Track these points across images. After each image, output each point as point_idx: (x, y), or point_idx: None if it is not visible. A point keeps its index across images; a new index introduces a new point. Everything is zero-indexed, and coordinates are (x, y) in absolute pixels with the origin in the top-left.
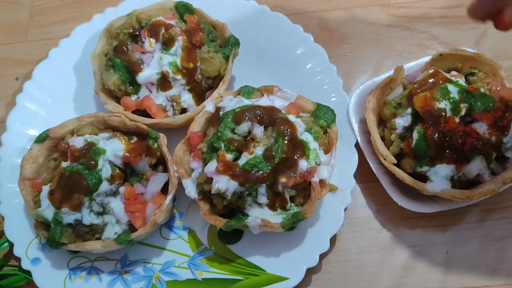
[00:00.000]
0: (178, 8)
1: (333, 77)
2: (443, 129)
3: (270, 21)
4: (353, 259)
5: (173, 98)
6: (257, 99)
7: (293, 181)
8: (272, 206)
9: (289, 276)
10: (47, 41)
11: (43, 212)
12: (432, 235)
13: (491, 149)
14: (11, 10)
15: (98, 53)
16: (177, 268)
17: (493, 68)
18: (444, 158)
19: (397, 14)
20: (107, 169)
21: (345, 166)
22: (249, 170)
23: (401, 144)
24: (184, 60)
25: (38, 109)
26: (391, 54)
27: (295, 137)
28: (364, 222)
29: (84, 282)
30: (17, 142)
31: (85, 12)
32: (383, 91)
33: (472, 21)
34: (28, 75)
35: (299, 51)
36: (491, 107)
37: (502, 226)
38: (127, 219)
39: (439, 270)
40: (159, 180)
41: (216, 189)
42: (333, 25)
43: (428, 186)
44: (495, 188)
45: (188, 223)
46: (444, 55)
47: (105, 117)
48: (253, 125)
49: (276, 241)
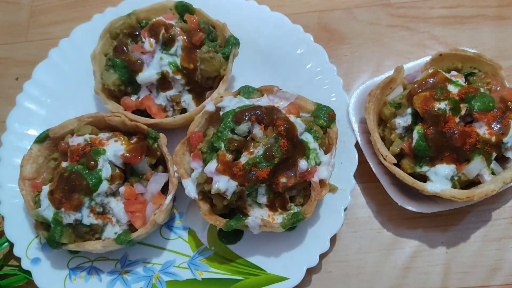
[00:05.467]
0: (178, 8)
1: (333, 77)
2: (443, 129)
3: (270, 21)
4: (353, 259)
5: (173, 98)
6: (257, 99)
7: (293, 181)
8: (272, 206)
9: (289, 276)
10: (47, 41)
11: (43, 212)
12: (432, 235)
13: (491, 149)
14: (11, 10)
15: (98, 53)
16: (177, 268)
17: (493, 68)
18: (444, 158)
19: (397, 14)
20: (107, 169)
21: (345, 166)
22: (249, 170)
23: (401, 144)
24: (184, 60)
25: (38, 109)
26: (391, 54)
27: (295, 137)
28: (364, 222)
29: (84, 282)
30: (17, 142)
31: (85, 12)
32: (383, 91)
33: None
34: (28, 75)
35: (299, 51)
36: (491, 107)
37: (502, 226)
38: (127, 219)
39: (439, 270)
40: (159, 180)
41: (216, 189)
42: (333, 25)
43: (428, 186)
44: (495, 188)
45: (188, 223)
46: (444, 55)
47: (105, 117)
48: (253, 125)
49: (276, 241)
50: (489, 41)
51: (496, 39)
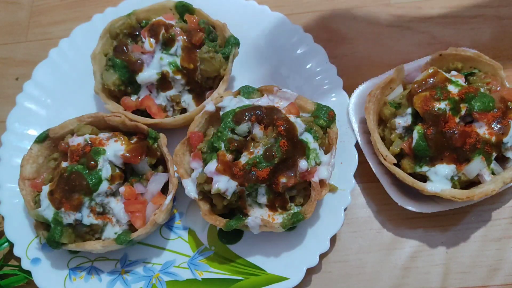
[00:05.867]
0: (178, 8)
1: (333, 77)
2: (443, 129)
3: (270, 21)
4: (353, 259)
5: (173, 98)
6: (257, 99)
7: (293, 181)
8: (272, 206)
9: (289, 276)
10: (47, 41)
11: (43, 212)
12: (432, 235)
13: (491, 149)
14: (11, 10)
15: (98, 53)
16: (177, 268)
17: (493, 68)
18: (444, 158)
19: (397, 14)
20: (107, 169)
21: (345, 166)
22: (249, 170)
23: (401, 144)
24: (184, 60)
25: (38, 109)
26: (391, 54)
27: (295, 137)
28: (364, 222)
29: (84, 282)
30: (17, 142)
31: (85, 12)
32: (383, 91)
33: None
34: (28, 75)
35: (299, 51)
36: (491, 107)
37: (502, 226)
38: (127, 219)
39: (439, 270)
40: (159, 180)
41: (216, 189)
42: (333, 25)
43: (428, 186)
44: (495, 188)
45: (188, 223)
46: (444, 55)
47: (105, 117)
48: (253, 125)
49: (276, 241)
50: (489, 41)
51: (496, 39)
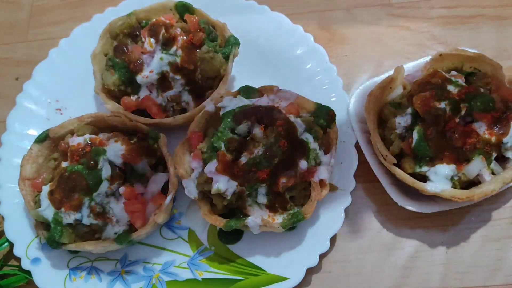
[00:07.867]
0: (178, 8)
1: (333, 77)
2: (443, 129)
3: (270, 21)
4: (353, 259)
5: (173, 98)
6: (257, 99)
7: (293, 181)
8: (272, 206)
9: (289, 276)
10: (47, 41)
11: (43, 212)
12: (432, 235)
13: (491, 149)
14: (11, 10)
15: (98, 53)
16: (177, 268)
17: (493, 68)
18: (444, 158)
19: (397, 14)
20: (107, 169)
21: (345, 166)
22: (249, 170)
23: (401, 144)
24: (184, 60)
25: (38, 109)
26: (391, 54)
27: (295, 137)
28: (364, 222)
29: (84, 282)
30: (17, 142)
31: (85, 12)
32: (383, 91)
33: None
34: (28, 75)
35: (299, 51)
36: (491, 107)
37: (502, 226)
38: (127, 219)
39: (439, 270)
40: (159, 180)
41: (216, 189)
42: (333, 25)
43: (428, 186)
44: (495, 188)
45: (188, 223)
46: (444, 55)
47: (105, 117)
48: (253, 125)
49: (276, 241)
50: (489, 41)
51: (496, 39)
